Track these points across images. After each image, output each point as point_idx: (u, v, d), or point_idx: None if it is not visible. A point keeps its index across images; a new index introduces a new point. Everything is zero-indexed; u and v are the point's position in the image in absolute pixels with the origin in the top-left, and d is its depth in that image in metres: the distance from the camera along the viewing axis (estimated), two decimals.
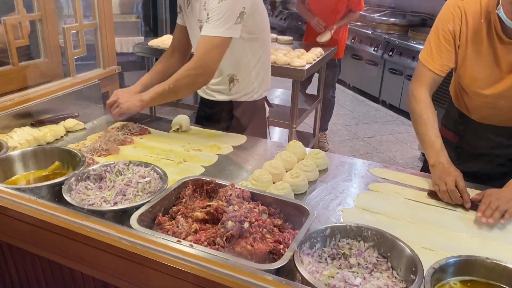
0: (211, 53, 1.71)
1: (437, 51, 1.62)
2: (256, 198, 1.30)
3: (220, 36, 1.69)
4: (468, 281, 1.06)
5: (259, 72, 1.97)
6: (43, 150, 1.55)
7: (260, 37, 1.89)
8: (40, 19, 2.13)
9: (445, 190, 1.43)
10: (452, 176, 1.45)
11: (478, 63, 1.57)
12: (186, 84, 1.77)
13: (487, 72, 1.56)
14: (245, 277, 0.90)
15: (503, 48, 1.50)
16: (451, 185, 1.42)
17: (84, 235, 1.04)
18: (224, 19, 1.68)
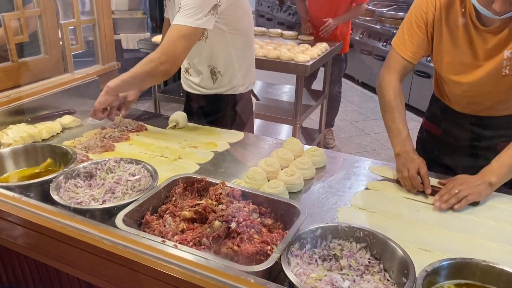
0: (177, 42, 1.66)
1: (409, 38, 1.60)
2: (247, 197, 1.26)
3: (188, 26, 1.65)
4: (463, 284, 1.02)
5: (242, 65, 1.94)
6: (35, 147, 1.53)
7: (240, 29, 1.86)
8: (40, 15, 2.12)
9: (407, 177, 1.45)
10: (415, 163, 1.46)
11: (454, 51, 1.54)
12: (147, 72, 1.71)
13: (463, 60, 1.54)
14: (226, 279, 0.88)
15: (478, 36, 1.48)
16: (413, 172, 1.44)
17: (67, 235, 1.02)
18: (195, 9, 1.63)
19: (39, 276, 1.19)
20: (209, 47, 1.82)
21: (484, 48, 1.48)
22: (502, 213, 1.37)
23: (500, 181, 1.41)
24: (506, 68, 1.46)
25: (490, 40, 1.46)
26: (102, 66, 2.30)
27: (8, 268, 1.25)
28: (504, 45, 1.45)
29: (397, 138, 1.56)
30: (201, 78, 1.96)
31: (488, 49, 1.48)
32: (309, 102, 3.83)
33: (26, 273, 1.22)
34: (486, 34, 1.46)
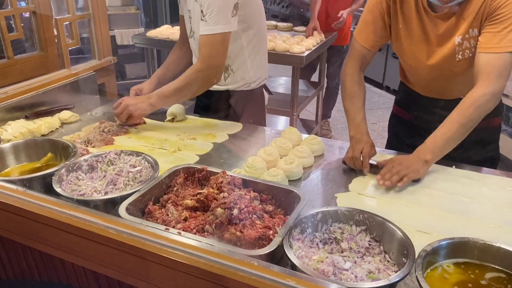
0: (216, 50, 1.71)
1: (368, 26, 1.66)
2: (248, 185, 1.28)
3: (220, 33, 1.68)
4: (462, 263, 1.04)
5: (254, 61, 1.94)
6: (35, 142, 1.54)
7: (254, 26, 1.86)
8: (34, 12, 2.12)
9: (350, 157, 1.54)
10: (361, 144, 1.55)
11: (410, 37, 1.60)
12: (198, 86, 1.77)
13: (417, 46, 1.60)
14: (231, 263, 0.89)
15: (430, 22, 1.54)
16: (357, 152, 1.53)
17: (71, 225, 1.03)
18: (220, 14, 1.65)
19: (44, 267, 1.21)
20: None
21: (436, 34, 1.54)
22: (497, 194, 1.40)
23: (434, 158, 1.47)
24: (459, 53, 1.53)
25: (440, 26, 1.52)
26: (98, 61, 2.30)
27: (13, 260, 1.27)
28: (454, 31, 1.51)
29: (352, 122, 1.65)
30: None
31: (440, 34, 1.53)
32: (307, 93, 3.85)
33: (31, 265, 1.23)
34: (437, 20, 1.52)
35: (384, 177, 1.42)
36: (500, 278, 1.00)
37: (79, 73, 2.16)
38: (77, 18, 2.20)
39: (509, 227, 1.24)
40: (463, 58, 1.53)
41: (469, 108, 1.43)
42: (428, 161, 1.46)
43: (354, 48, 1.71)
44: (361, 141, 1.56)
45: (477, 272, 1.01)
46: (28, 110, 1.87)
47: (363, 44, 1.67)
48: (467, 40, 1.50)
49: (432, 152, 1.46)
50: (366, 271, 0.99)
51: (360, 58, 1.69)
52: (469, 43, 1.50)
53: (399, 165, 1.44)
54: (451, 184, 1.45)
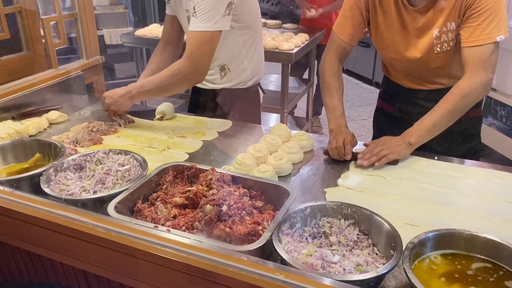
0: (202, 49, 1.67)
1: (346, 20, 1.69)
2: (237, 182, 1.29)
3: (209, 31, 1.65)
4: (449, 254, 1.05)
5: (252, 60, 1.94)
6: (23, 142, 1.53)
7: (251, 25, 1.85)
8: (20, 11, 2.10)
9: (334, 147, 1.57)
10: (343, 135, 1.58)
11: (389, 30, 1.63)
12: (179, 83, 1.74)
13: (397, 39, 1.63)
14: (220, 259, 0.90)
15: (407, 15, 1.57)
16: (340, 142, 1.56)
17: (60, 224, 1.03)
18: (211, 12, 1.63)
19: (33, 268, 1.20)
20: (220, 45, 1.79)
21: (414, 27, 1.57)
22: (482, 186, 1.42)
23: (419, 142, 1.52)
24: (437, 46, 1.56)
25: (419, 19, 1.55)
26: (86, 60, 2.29)
27: (1, 262, 1.26)
28: (431, 24, 1.54)
29: (332, 115, 1.68)
30: (209, 75, 1.94)
31: (418, 27, 1.57)
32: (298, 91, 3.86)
33: (20, 266, 1.22)
34: (415, 14, 1.55)
35: (364, 156, 1.49)
36: (486, 268, 1.01)
37: (67, 73, 2.14)
38: (64, 18, 2.18)
39: (495, 218, 1.25)
40: (441, 51, 1.57)
41: (456, 96, 1.49)
42: (412, 144, 1.52)
43: (333, 41, 1.74)
44: (343, 133, 1.59)
45: (464, 263, 1.03)
46: (15, 111, 1.86)
47: (342, 37, 1.71)
48: (444, 34, 1.54)
49: (417, 136, 1.51)
50: (355, 264, 1.00)
51: (339, 51, 1.73)
52: (447, 36, 1.54)
53: (382, 145, 1.50)
54: (438, 178, 1.47)
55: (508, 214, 1.27)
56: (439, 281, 0.97)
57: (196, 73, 1.71)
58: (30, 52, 2.15)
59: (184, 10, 1.83)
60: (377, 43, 1.72)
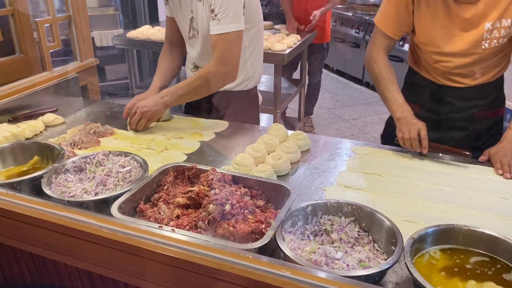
0: (232, 49, 1.71)
1: (391, 15, 1.68)
2: (237, 181, 1.30)
3: (235, 31, 1.68)
4: (447, 249, 1.08)
5: (255, 61, 1.95)
6: (21, 145, 1.53)
7: (255, 25, 1.87)
8: (12, 14, 2.09)
9: (408, 138, 1.54)
10: (417, 125, 1.55)
11: (434, 23, 1.61)
12: (213, 85, 1.76)
13: (442, 32, 1.60)
14: (226, 257, 0.91)
15: (456, 7, 1.54)
16: (414, 134, 1.53)
17: (64, 225, 1.03)
18: (233, 12, 1.66)
19: (36, 270, 1.20)
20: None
21: (462, 19, 1.54)
22: (478, 182, 1.46)
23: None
24: (486, 41, 1.53)
25: (468, 10, 1.52)
26: (80, 62, 2.28)
27: (4, 264, 1.26)
28: (482, 17, 1.52)
29: (395, 105, 1.64)
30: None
31: (467, 19, 1.54)
32: (289, 91, 3.88)
33: (22, 268, 1.22)
34: (464, 5, 1.53)
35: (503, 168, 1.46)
36: (484, 261, 1.04)
37: (61, 75, 2.14)
38: (58, 20, 2.18)
39: (491, 213, 1.29)
40: (488, 47, 1.54)
41: None
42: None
43: (378, 37, 1.73)
44: (415, 123, 1.55)
45: (462, 257, 1.05)
46: (11, 114, 1.85)
47: (386, 32, 1.69)
48: (497, 29, 1.50)
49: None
50: (357, 260, 1.02)
51: (385, 46, 1.72)
52: (499, 32, 1.50)
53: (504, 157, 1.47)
54: (433, 175, 1.50)
55: (503, 209, 1.30)
56: (439, 275, 1.00)
57: (230, 73, 1.75)
58: (23, 54, 2.14)
59: (188, 11, 1.82)
60: (420, 36, 1.67)
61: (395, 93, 1.66)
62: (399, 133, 1.57)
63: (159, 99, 1.76)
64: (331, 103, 5.43)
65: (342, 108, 5.25)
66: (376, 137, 4.43)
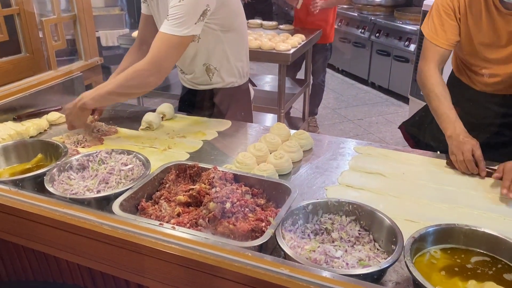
0: (167, 52, 1.62)
1: (440, 26, 1.66)
2: (239, 180, 1.30)
3: (177, 35, 1.60)
4: (448, 248, 1.07)
5: (238, 61, 1.95)
6: (25, 143, 1.54)
7: (233, 26, 1.85)
8: (18, 13, 2.10)
9: (462, 160, 1.46)
10: (469, 145, 1.47)
11: (479, 34, 1.61)
12: (136, 85, 1.66)
13: (487, 42, 1.61)
14: (225, 254, 0.91)
15: (501, 19, 1.55)
16: (468, 155, 1.45)
17: (66, 222, 1.04)
18: (184, 18, 1.59)
19: (38, 267, 1.21)
20: (203, 47, 1.79)
21: (507, 31, 1.55)
22: (479, 182, 1.45)
23: None
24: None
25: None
26: (85, 62, 2.30)
27: (6, 261, 1.27)
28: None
29: (446, 122, 1.58)
30: (197, 76, 1.94)
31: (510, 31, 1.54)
32: (293, 91, 3.89)
33: (25, 264, 1.23)
34: (509, 17, 1.53)
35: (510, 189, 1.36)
36: (485, 261, 1.04)
37: (66, 74, 2.15)
38: (63, 19, 2.19)
39: (492, 213, 1.28)
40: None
41: None
42: None
43: (429, 50, 1.70)
44: (467, 142, 1.49)
45: (463, 257, 1.05)
46: (16, 112, 1.87)
47: (437, 44, 1.68)
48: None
49: None
50: (357, 259, 1.02)
51: (437, 59, 1.69)
52: None
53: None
54: (435, 175, 1.49)
55: (505, 210, 1.30)
56: (439, 274, 1.00)
57: (155, 74, 1.63)
58: (28, 53, 2.16)
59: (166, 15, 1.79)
60: (465, 47, 1.69)
61: (447, 110, 1.60)
62: (452, 156, 1.51)
63: (77, 101, 1.68)
64: (336, 103, 5.42)
65: (347, 109, 5.23)
66: (381, 137, 4.42)
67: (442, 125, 1.60)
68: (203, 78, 1.95)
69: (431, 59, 1.69)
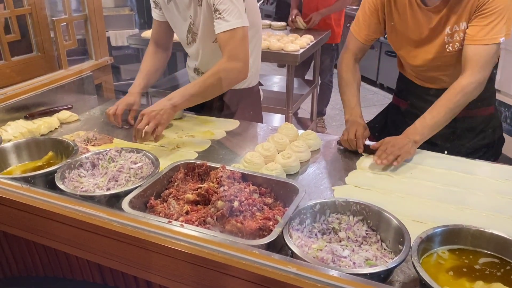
0: (242, 45, 1.69)
1: (363, 22, 1.77)
2: (247, 179, 1.31)
3: (240, 27, 1.67)
4: (456, 249, 1.07)
5: (255, 59, 1.96)
6: (36, 141, 1.56)
7: (254, 24, 1.87)
8: (30, 13, 2.13)
9: (345, 139, 1.65)
10: (355, 126, 1.66)
11: (404, 31, 1.69)
12: (226, 83, 1.71)
13: (412, 39, 1.68)
14: (233, 252, 0.92)
15: (423, 16, 1.62)
16: (351, 135, 1.64)
17: (76, 219, 1.05)
18: (236, 10, 1.66)
19: (48, 263, 1.23)
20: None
21: (428, 27, 1.62)
22: (488, 183, 1.44)
23: (422, 140, 1.57)
24: (449, 45, 1.61)
25: (433, 18, 1.60)
26: (95, 61, 2.32)
27: (17, 257, 1.29)
28: (445, 23, 1.59)
29: (347, 107, 1.77)
30: None
31: (432, 27, 1.61)
32: (301, 91, 3.89)
33: (35, 260, 1.25)
34: (430, 13, 1.60)
35: (380, 157, 1.52)
36: (493, 263, 1.03)
37: (77, 73, 2.18)
38: (74, 19, 2.22)
39: (501, 214, 1.28)
40: (453, 50, 1.62)
41: (457, 95, 1.54)
42: (417, 141, 1.56)
43: (349, 41, 1.83)
44: (355, 124, 1.67)
45: (471, 258, 1.05)
46: (27, 111, 1.89)
47: (357, 37, 1.79)
48: (456, 33, 1.58)
49: (421, 134, 1.56)
50: (364, 258, 1.02)
51: (354, 50, 1.81)
52: (459, 36, 1.58)
53: (392, 146, 1.53)
54: (443, 175, 1.49)
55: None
56: (446, 275, 1.00)
57: (243, 69, 1.72)
58: (40, 53, 2.19)
59: (187, 16, 1.82)
60: (392, 42, 1.79)
61: (350, 96, 1.77)
62: (342, 135, 1.68)
63: (167, 101, 1.61)
64: None
65: None
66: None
67: (344, 109, 1.79)
68: None
69: (350, 49, 1.82)
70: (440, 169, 1.53)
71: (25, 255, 1.26)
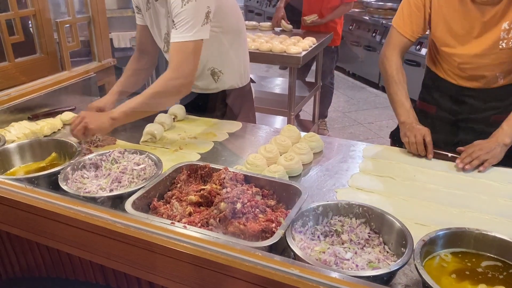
0: (188, 59, 1.64)
1: (408, 17, 1.70)
2: (249, 181, 1.31)
3: (191, 41, 1.62)
4: (458, 252, 1.07)
5: (242, 61, 1.97)
6: (40, 142, 1.57)
7: (232, 27, 1.87)
8: (34, 15, 2.14)
9: (414, 142, 1.59)
10: (422, 131, 1.60)
11: (452, 25, 1.63)
12: (169, 96, 1.68)
13: (460, 33, 1.63)
14: (236, 253, 0.92)
15: (475, 9, 1.56)
16: (420, 138, 1.58)
17: (79, 220, 1.06)
18: (191, 23, 1.61)
19: (51, 263, 1.23)
20: (206, 51, 1.79)
21: (481, 21, 1.56)
22: (491, 187, 1.44)
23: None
24: (503, 41, 1.54)
25: (487, 12, 1.53)
26: (98, 63, 2.33)
27: (20, 257, 1.29)
28: (501, 17, 1.52)
29: (401, 109, 1.69)
30: (202, 80, 1.96)
31: (485, 21, 1.55)
32: (302, 93, 3.89)
33: (38, 261, 1.26)
34: (484, 7, 1.54)
35: (463, 161, 1.47)
36: (496, 266, 1.03)
37: (80, 75, 2.19)
38: (78, 21, 2.23)
39: (504, 218, 1.27)
40: (506, 47, 1.55)
41: None
42: (507, 144, 1.51)
43: (394, 37, 1.76)
44: (420, 128, 1.60)
45: (474, 261, 1.05)
46: (31, 112, 1.90)
47: (403, 33, 1.73)
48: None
49: (510, 135, 1.51)
50: (367, 261, 1.02)
51: (400, 47, 1.75)
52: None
53: (480, 150, 1.49)
54: (445, 178, 1.49)
55: None
56: (449, 278, 1.00)
57: (184, 83, 1.66)
58: (43, 54, 2.20)
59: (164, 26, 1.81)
60: (437, 39, 1.71)
61: (402, 97, 1.69)
62: (405, 138, 1.62)
63: (107, 113, 1.64)
64: (346, 106, 5.41)
65: (357, 112, 5.22)
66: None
67: (397, 110, 1.71)
68: (208, 81, 1.96)
69: (394, 46, 1.75)
70: (442, 172, 1.53)
71: (28, 256, 1.27)
